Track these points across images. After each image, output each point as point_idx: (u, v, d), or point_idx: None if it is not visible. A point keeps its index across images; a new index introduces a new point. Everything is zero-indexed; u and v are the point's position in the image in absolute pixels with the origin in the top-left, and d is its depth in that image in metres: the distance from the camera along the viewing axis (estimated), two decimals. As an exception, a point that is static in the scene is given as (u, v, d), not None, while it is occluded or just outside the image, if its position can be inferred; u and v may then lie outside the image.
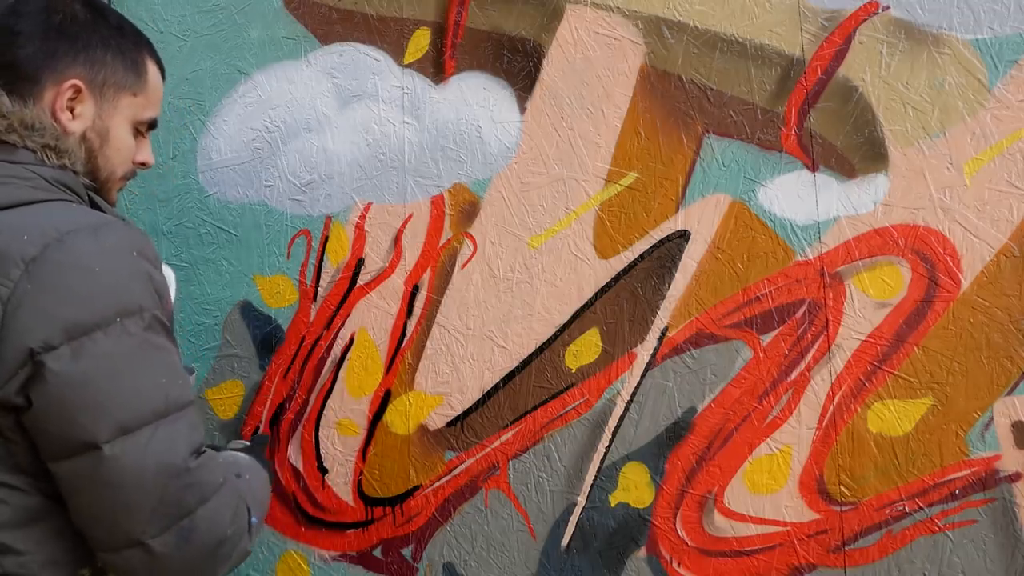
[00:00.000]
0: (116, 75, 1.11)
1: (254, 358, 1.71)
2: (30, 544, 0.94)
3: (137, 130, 1.17)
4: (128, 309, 0.94)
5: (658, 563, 1.49)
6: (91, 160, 1.11)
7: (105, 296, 0.93)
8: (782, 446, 1.45)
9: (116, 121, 1.13)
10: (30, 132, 1.02)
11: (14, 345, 0.89)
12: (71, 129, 1.08)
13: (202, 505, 0.96)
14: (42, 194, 0.99)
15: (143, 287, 0.97)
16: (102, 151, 1.12)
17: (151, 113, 1.18)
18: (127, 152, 1.16)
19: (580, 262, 1.55)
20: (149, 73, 1.17)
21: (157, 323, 0.97)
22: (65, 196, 1.02)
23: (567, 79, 1.57)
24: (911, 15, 1.42)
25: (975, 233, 1.38)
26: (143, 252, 0.99)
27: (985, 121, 1.38)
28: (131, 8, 1.81)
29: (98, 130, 1.11)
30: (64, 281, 0.91)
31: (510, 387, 1.58)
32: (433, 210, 1.64)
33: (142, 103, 1.16)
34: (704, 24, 1.51)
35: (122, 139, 1.14)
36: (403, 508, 1.63)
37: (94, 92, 1.10)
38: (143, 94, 1.15)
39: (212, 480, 0.98)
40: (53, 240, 0.92)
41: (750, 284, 1.47)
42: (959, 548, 1.36)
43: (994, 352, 1.36)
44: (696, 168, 1.51)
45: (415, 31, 1.67)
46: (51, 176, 1.01)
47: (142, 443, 0.92)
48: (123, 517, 0.93)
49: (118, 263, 0.95)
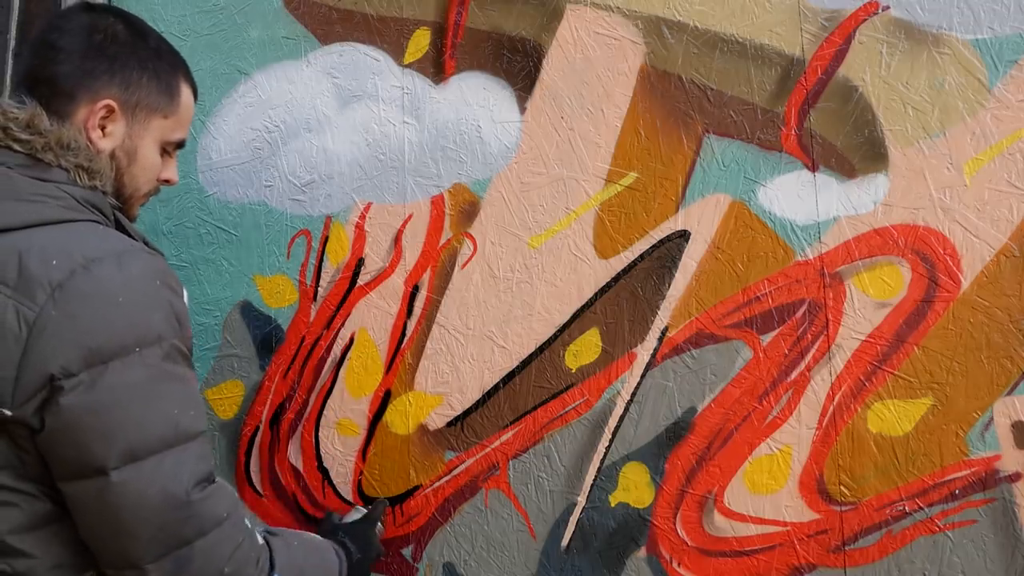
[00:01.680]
0: (150, 97, 1.13)
1: (254, 358, 1.71)
2: (39, 548, 0.96)
3: (164, 149, 1.19)
4: (147, 339, 0.96)
5: (658, 563, 1.49)
6: (117, 178, 1.13)
7: (126, 326, 0.95)
8: (782, 446, 1.45)
9: (145, 142, 1.14)
10: (65, 152, 1.03)
11: (36, 368, 0.91)
12: (101, 147, 1.09)
13: (200, 538, 0.97)
14: (71, 214, 1.00)
15: (163, 317, 0.99)
16: (129, 170, 1.14)
17: (180, 135, 1.20)
18: (153, 171, 1.18)
19: (580, 262, 1.55)
20: (182, 96, 1.18)
21: (176, 352, 1.00)
22: (93, 216, 1.03)
23: (567, 79, 1.57)
24: (911, 15, 1.42)
25: (975, 233, 1.38)
26: (165, 280, 1.01)
27: (985, 121, 1.38)
28: (131, 8, 1.81)
29: (127, 149, 1.13)
30: (87, 310, 0.94)
31: (510, 387, 1.58)
32: (433, 210, 1.64)
33: (172, 125, 1.17)
34: (704, 24, 1.51)
35: (149, 159, 1.16)
36: (403, 508, 1.63)
37: (126, 113, 1.12)
38: (174, 116, 1.17)
39: (214, 514, 0.99)
40: (80, 267, 0.94)
41: (750, 284, 1.47)
42: (959, 548, 1.36)
43: (994, 352, 1.36)
44: (696, 168, 1.51)
45: (415, 31, 1.67)
46: (81, 196, 1.03)
47: (147, 471, 0.95)
48: (124, 541, 0.95)
49: (140, 293, 0.98)
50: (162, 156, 1.19)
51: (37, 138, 1.01)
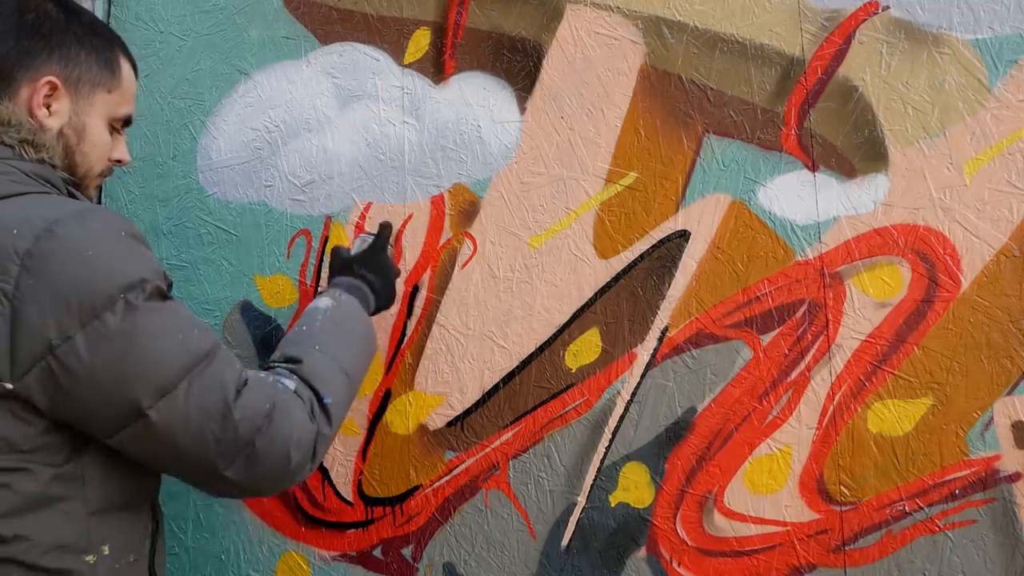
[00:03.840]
0: (91, 72, 1.14)
1: (254, 358, 1.71)
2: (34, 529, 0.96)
3: (112, 127, 1.20)
4: (129, 284, 0.97)
5: (658, 563, 1.49)
6: (68, 157, 1.13)
7: (103, 277, 0.96)
8: (782, 446, 1.45)
9: (92, 118, 1.15)
10: (7, 128, 1.04)
11: (30, 338, 0.93)
12: (48, 125, 1.10)
13: (258, 434, 1.01)
14: (21, 187, 1.01)
15: (136, 261, 1.00)
16: (79, 147, 1.15)
17: (126, 110, 1.20)
18: (103, 149, 1.18)
19: (580, 262, 1.55)
20: (123, 70, 1.19)
21: (156, 291, 1.01)
22: (44, 189, 1.04)
23: (567, 79, 1.57)
24: (911, 15, 1.42)
25: (975, 233, 1.38)
26: (130, 232, 1.03)
27: (985, 121, 1.38)
28: (131, 8, 1.82)
29: (75, 127, 1.13)
30: (62, 271, 0.94)
31: (510, 387, 1.58)
32: (433, 210, 1.64)
33: (116, 100, 1.18)
34: (704, 24, 1.51)
35: (98, 135, 1.16)
36: (403, 508, 1.63)
37: (70, 89, 1.12)
38: (117, 91, 1.18)
39: (259, 409, 1.02)
40: (43, 231, 0.95)
41: (750, 284, 1.47)
42: (959, 548, 1.36)
43: (994, 352, 1.36)
44: (696, 168, 1.51)
45: (415, 31, 1.67)
46: (30, 170, 1.04)
47: (181, 399, 0.98)
48: (193, 462, 1.01)
49: (107, 244, 0.98)
50: (112, 135, 1.20)
51: None
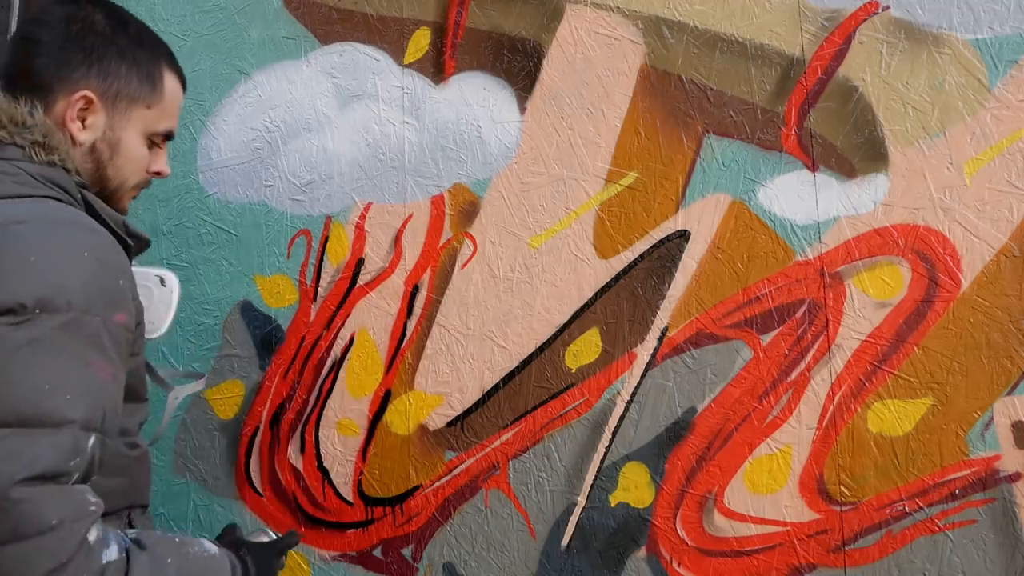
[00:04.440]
0: (130, 87, 1.11)
1: (254, 358, 1.71)
2: None
3: (152, 141, 1.16)
4: (52, 304, 0.87)
5: (658, 563, 1.49)
6: (100, 170, 1.10)
7: (30, 284, 0.87)
8: (782, 446, 1.44)
9: (128, 133, 1.12)
10: (20, 128, 1.01)
11: None
12: (80, 140, 1.08)
13: (14, 542, 0.81)
14: (25, 189, 0.98)
15: (82, 287, 0.90)
16: (112, 161, 1.11)
17: (166, 125, 1.16)
18: (139, 162, 1.14)
19: (580, 262, 1.55)
20: (166, 85, 1.15)
21: (84, 328, 0.89)
22: (51, 193, 1.00)
23: (567, 79, 1.57)
24: (911, 15, 1.42)
25: (975, 233, 1.38)
26: (102, 258, 0.94)
27: (985, 121, 1.38)
28: (131, 8, 1.81)
29: (109, 141, 1.10)
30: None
31: (510, 387, 1.58)
32: (433, 210, 1.64)
33: (156, 115, 1.14)
34: (704, 24, 1.51)
35: (134, 150, 1.13)
36: (403, 508, 1.63)
37: (106, 104, 1.09)
38: (158, 106, 1.14)
39: (37, 519, 0.82)
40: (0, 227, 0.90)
41: (750, 284, 1.47)
42: (959, 548, 1.36)
43: (994, 352, 1.36)
44: (696, 168, 1.51)
45: (415, 31, 1.67)
46: (38, 172, 1.00)
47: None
48: None
49: (59, 258, 0.90)
50: (150, 148, 1.16)
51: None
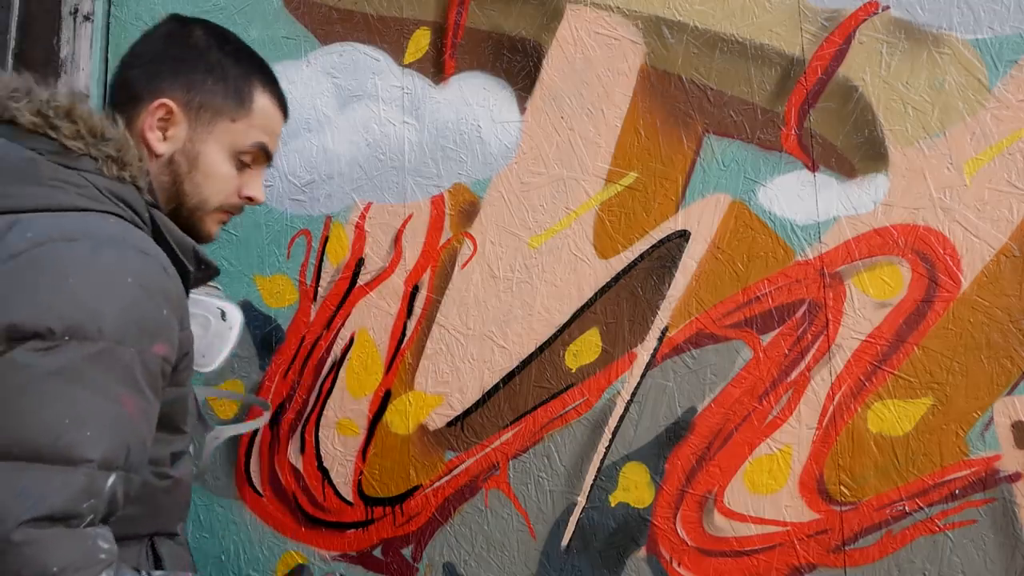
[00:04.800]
0: (214, 99, 1.07)
1: (254, 358, 1.71)
2: None
3: (241, 160, 1.10)
4: (82, 331, 0.82)
5: (658, 563, 1.49)
6: (177, 185, 1.06)
7: (61, 308, 0.82)
8: (782, 446, 1.44)
9: (209, 147, 1.07)
10: (97, 140, 0.97)
11: None
12: (158, 151, 1.04)
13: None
14: (89, 203, 0.93)
15: (118, 315, 0.84)
16: (190, 176, 1.06)
17: (253, 140, 1.10)
18: (221, 181, 1.08)
19: (580, 262, 1.55)
20: (256, 101, 1.10)
21: (115, 361, 0.83)
22: (115, 209, 0.95)
23: (567, 79, 1.57)
24: (911, 15, 1.42)
25: (975, 233, 1.38)
26: (145, 284, 0.88)
27: (985, 121, 1.38)
28: (131, 8, 1.82)
29: (188, 154, 1.06)
30: (30, 281, 0.83)
31: (510, 387, 1.58)
32: (433, 210, 1.64)
33: (241, 130, 1.08)
34: (704, 24, 1.51)
35: (214, 166, 1.07)
36: (403, 508, 1.63)
37: (189, 115, 1.06)
38: (244, 120, 1.08)
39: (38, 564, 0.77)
40: (48, 240, 0.85)
41: (750, 284, 1.47)
42: (959, 548, 1.36)
43: (994, 352, 1.36)
44: (696, 168, 1.51)
45: (415, 31, 1.67)
46: (105, 186, 0.95)
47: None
48: None
49: (98, 281, 0.85)
50: (240, 169, 1.10)
51: (68, 125, 0.96)
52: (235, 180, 1.10)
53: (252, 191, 1.12)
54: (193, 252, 1.03)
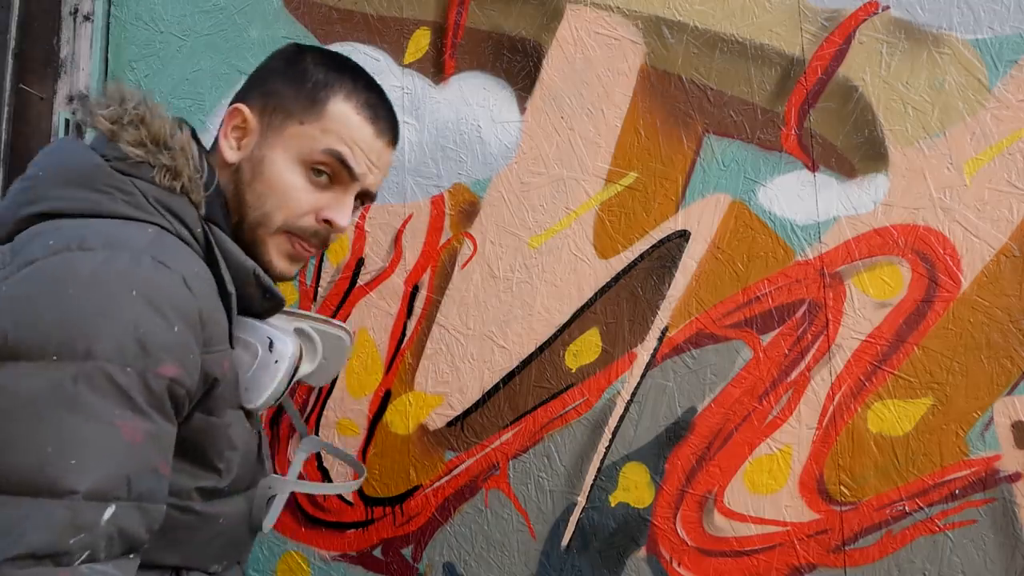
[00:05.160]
0: (286, 100, 0.99)
1: (254, 358, 1.71)
2: None
3: (316, 172, 0.99)
4: (71, 349, 0.75)
5: (658, 563, 1.49)
6: (239, 193, 0.98)
7: (55, 324, 0.76)
8: (782, 446, 1.44)
9: (276, 153, 0.98)
10: (157, 149, 0.92)
11: None
12: (229, 159, 0.99)
13: None
14: (133, 212, 0.88)
15: (115, 334, 0.77)
16: (252, 186, 0.98)
17: (324, 146, 0.98)
18: (285, 193, 0.98)
19: (580, 262, 1.55)
20: (330, 105, 0.99)
21: (108, 383, 0.76)
22: (161, 221, 0.89)
23: (567, 79, 1.57)
24: (911, 15, 1.42)
25: (975, 233, 1.38)
26: (154, 300, 0.80)
27: (985, 121, 1.38)
28: (131, 8, 1.82)
29: (253, 159, 0.98)
30: (30, 294, 0.78)
31: (510, 387, 1.58)
32: (433, 210, 1.64)
33: (311, 134, 0.98)
34: (704, 24, 1.51)
35: (278, 175, 0.97)
36: (403, 508, 1.63)
37: (262, 121, 1.00)
38: (314, 124, 0.98)
39: None
40: (64, 249, 0.80)
41: (750, 284, 1.47)
42: (959, 548, 1.36)
43: (994, 352, 1.36)
44: (696, 168, 1.51)
45: (415, 31, 1.67)
46: (154, 196, 0.90)
47: None
48: None
49: (100, 294, 0.78)
50: (317, 188, 0.99)
51: (133, 132, 0.92)
52: (307, 195, 0.99)
53: (332, 213, 0.99)
54: (254, 276, 0.94)
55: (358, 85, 1.04)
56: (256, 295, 0.96)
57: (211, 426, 0.91)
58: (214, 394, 0.90)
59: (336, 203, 1.00)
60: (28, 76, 1.81)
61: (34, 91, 1.80)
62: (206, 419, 0.90)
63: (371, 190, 1.05)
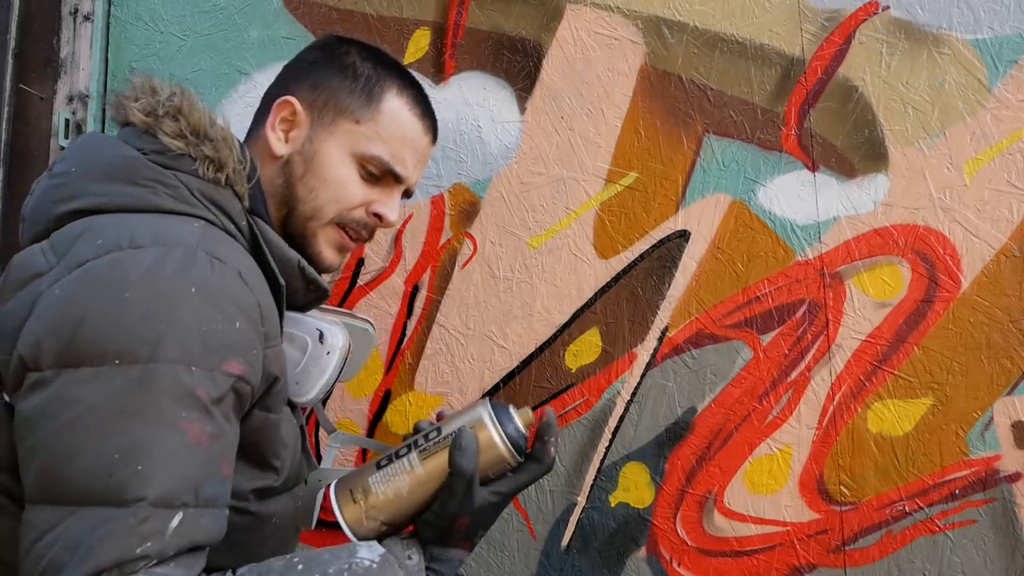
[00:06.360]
0: (339, 97, 0.99)
1: (254, 358, 1.71)
2: None
3: (368, 170, 1.00)
4: (133, 353, 0.74)
5: (658, 563, 1.49)
6: (290, 188, 0.98)
7: (114, 329, 0.74)
8: (782, 446, 1.44)
9: (329, 147, 0.98)
10: (198, 140, 0.90)
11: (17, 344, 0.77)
12: (277, 152, 0.98)
13: None
14: (178, 205, 0.87)
15: (176, 335, 0.75)
16: (304, 180, 0.98)
17: (378, 148, 0.99)
18: (339, 188, 0.98)
19: (580, 262, 1.55)
20: (384, 103, 1.00)
21: (175, 384, 0.75)
22: (206, 214, 0.88)
23: (567, 79, 1.57)
24: (911, 15, 1.42)
25: (975, 233, 1.38)
26: (213, 297, 0.78)
27: (985, 121, 1.38)
28: (131, 8, 1.81)
29: (305, 154, 0.98)
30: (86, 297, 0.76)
31: (510, 387, 1.58)
32: (433, 210, 1.64)
33: (366, 133, 0.99)
34: (704, 24, 1.51)
35: (332, 169, 0.98)
36: (403, 508, 1.62)
37: (312, 114, 0.99)
38: (369, 123, 0.99)
39: None
40: (116, 249, 0.78)
41: (750, 284, 1.47)
42: (959, 548, 1.36)
43: (994, 352, 1.36)
44: (696, 168, 1.51)
45: (415, 31, 1.67)
46: (198, 188, 0.88)
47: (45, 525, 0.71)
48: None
49: (157, 295, 0.76)
50: (369, 182, 1.00)
51: (172, 123, 0.90)
52: (359, 189, 1.00)
53: (383, 208, 1.00)
54: (299, 268, 0.94)
55: (405, 81, 1.05)
56: (300, 288, 0.96)
57: (269, 424, 0.89)
58: (274, 391, 0.88)
59: (386, 198, 1.02)
60: (28, 76, 1.81)
61: (34, 91, 1.80)
62: (265, 416, 0.88)
63: (412, 188, 1.08)
